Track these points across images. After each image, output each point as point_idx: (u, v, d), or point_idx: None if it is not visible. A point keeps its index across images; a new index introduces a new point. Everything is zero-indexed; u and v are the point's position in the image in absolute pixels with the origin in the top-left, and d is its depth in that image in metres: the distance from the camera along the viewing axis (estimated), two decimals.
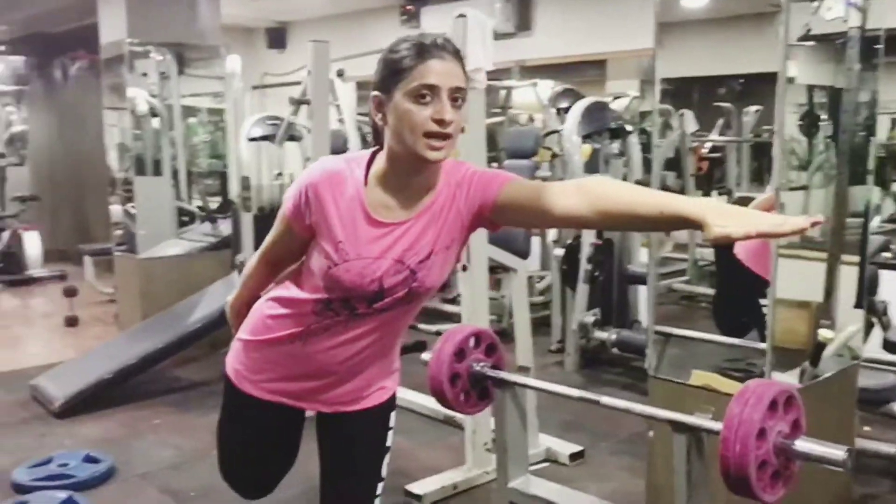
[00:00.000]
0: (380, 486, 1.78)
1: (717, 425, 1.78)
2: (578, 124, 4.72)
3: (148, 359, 4.28)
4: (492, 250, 3.27)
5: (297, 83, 6.20)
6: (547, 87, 7.09)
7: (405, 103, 1.50)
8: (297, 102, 4.09)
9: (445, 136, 1.51)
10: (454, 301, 5.88)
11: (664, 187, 5.84)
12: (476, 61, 3.08)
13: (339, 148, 6.41)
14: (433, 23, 6.68)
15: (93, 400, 4.06)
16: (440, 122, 1.49)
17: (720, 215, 1.28)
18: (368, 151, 1.64)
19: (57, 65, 8.44)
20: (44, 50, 8.42)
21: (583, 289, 4.61)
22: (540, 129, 5.82)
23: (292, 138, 6.98)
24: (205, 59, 6.03)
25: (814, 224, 1.25)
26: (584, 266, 4.60)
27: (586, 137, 4.83)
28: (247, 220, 4.85)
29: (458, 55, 1.56)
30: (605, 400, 2.19)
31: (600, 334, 4.50)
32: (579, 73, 7.94)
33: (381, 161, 1.61)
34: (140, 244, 5.30)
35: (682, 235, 5.50)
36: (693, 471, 1.98)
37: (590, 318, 4.52)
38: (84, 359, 4.60)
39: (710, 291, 4.46)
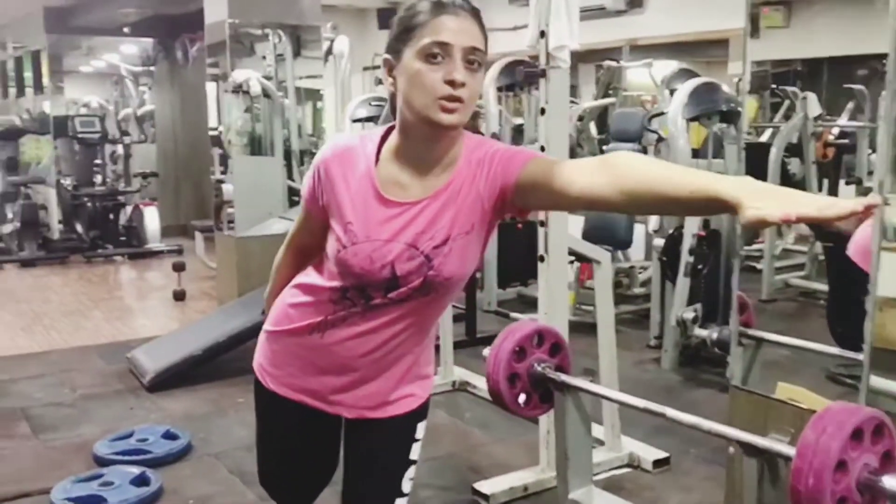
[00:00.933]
0: (399, 501, 1.63)
1: (792, 450, 1.56)
2: (685, 106, 4.41)
3: (237, 337, 4.31)
4: (572, 239, 3.07)
5: None
6: (665, 68, 6.74)
7: (415, 63, 1.37)
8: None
9: (459, 100, 1.37)
10: None
11: (784, 174, 5.48)
12: (559, 38, 2.88)
13: None
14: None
15: (182, 375, 4.14)
16: (452, 84, 1.35)
17: (757, 196, 1.07)
18: (385, 127, 1.52)
19: (179, 46, 8.72)
20: (167, 31, 8.72)
21: (683, 282, 4.32)
22: (646, 111, 5.51)
23: None
24: (315, 41, 6.07)
25: (868, 208, 1.02)
26: (686, 258, 4.31)
27: (693, 120, 4.51)
28: None
29: (476, 14, 1.41)
30: (671, 413, 1.99)
31: (700, 332, 4.20)
32: (701, 52, 7.51)
33: (394, 135, 1.48)
34: (238, 223, 5.37)
35: (803, 226, 5.10)
36: (765, 498, 1.76)
37: (689, 314, 4.23)
38: (179, 334, 4.71)
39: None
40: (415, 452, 1.67)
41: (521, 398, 2.32)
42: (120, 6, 8.05)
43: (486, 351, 2.35)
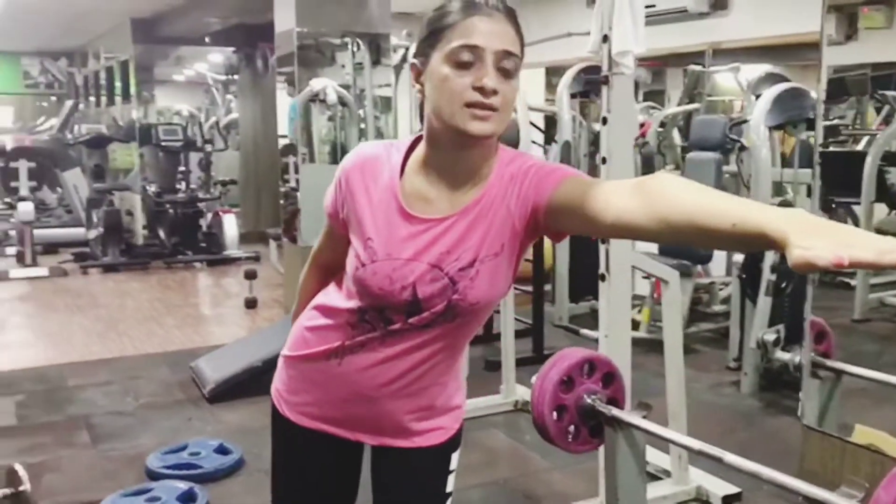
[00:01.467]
0: None
1: None
2: (768, 114, 4.13)
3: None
4: (637, 257, 2.88)
5: None
6: (754, 72, 6.41)
7: (443, 67, 1.25)
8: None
9: (491, 108, 1.24)
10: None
11: (882, 185, 5.10)
12: (623, 43, 2.70)
13: (512, 138, 6.17)
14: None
15: (243, 386, 4.10)
16: (482, 91, 1.23)
17: (807, 233, 0.90)
18: (414, 135, 1.39)
19: (259, 55, 8.83)
20: (247, 41, 8.84)
21: (764, 302, 4.04)
22: (729, 118, 5.23)
23: None
24: (385, 49, 6.00)
25: None
26: (768, 276, 4.03)
27: (778, 128, 4.23)
28: None
29: (511, 15, 1.28)
30: (730, 458, 1.79)
31: (782, 355, 3.92)
32: (793, 55, 7.12)
33: (422, 145, 1.36)
34: (304, 232, 5.34)
35: None
36: None
37: (771, 336, 3.95)
38: (242, 343, 4.69)
39: None
40: (451, 484, 1.54)
41: (570, 431, 2.17)
42: (202, 16, 8.20)
43: (534, 378, 2.20)
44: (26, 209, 7.45)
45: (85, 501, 2.98)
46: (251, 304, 6.17)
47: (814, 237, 0.89)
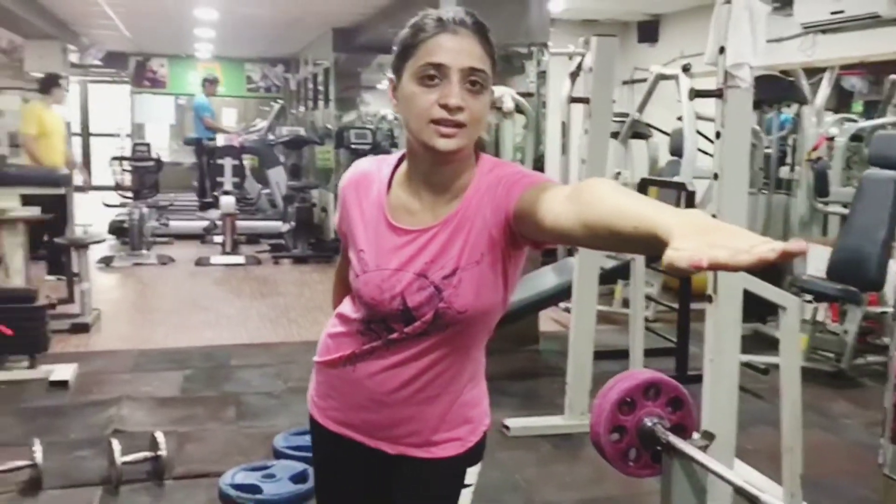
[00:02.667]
0: None
1: None
2: None
3: None
4: (747, 279, 2.72)
5: (671, 77, 5.90)
6: None
7: (411, 85, 1.31)
8: (574, 101, 3.82)
9: (457, 124, 1.28)
10: None
11: None
12: (738, 55, 2.59)
13: (679, 148, 5.97)
14: (809, 8, 5.83)
15: None
16: (447, 108, 1.27)
17: (687, 235, 0.87)
18: (402, 151, 1.46)
19: None
20: None
21: None
22: None
23: (638, 136, 6.71)
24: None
25: (786, 254, 0.81)
26: None
27: None
28: None
29: (480, 32, 1.31)
30: (766, 499, 1.67)
31: None
32: None
33: (406, 160, 1.43)
34: None
35: None
36: None
37: None
38: None
39: None
40: (464, 498, 1.57)
41: (630, 454, 2.11)
42: (396, 25, 8.59)
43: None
44: (228, 202, 8.19)
45: (213, 471, 3.28)
46: None
47: (692, 239, 0.87)
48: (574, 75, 6.62)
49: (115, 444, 3.18)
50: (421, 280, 1.38)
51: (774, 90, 5.46)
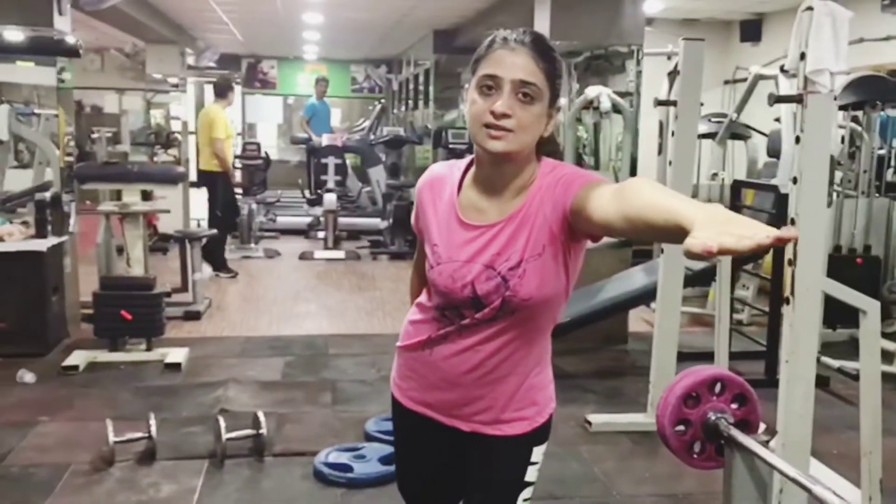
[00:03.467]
0: None
1: None
2: None
3: None
4: (827, 282, 2.74)
5: (770, 77, 5.84)
6: None
7: (473, 93, 1.50)
8: (660, 103, 3.87)
9: (504, 129, 1.46)
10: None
11: None
12: (819, 60, 2.61)
13: (776, 150, 5.89)
14: None
15: None
16: (494, 114, 1.45)
17: (706, 225, 1.02)
18: (472, 156, 1.63)
19: None
20: None
21: None
22: None
23: (737, 136, 6.63)
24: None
25: (778, 240, 0.96)
26: None
27: None
28: None
29: (538, 49, 1.49)
30: (818, 491, 1.74)
31: None
32: None
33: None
34: None
35: None
36: None
37: None
38: None
39: None
40: (531, 475, 1.71)
41: (695, 447, 2.20)
42: (493, 27, 8.72)
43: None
44: (330, 199, 8.53)
45: (308, 450, 3.52)
46: None
47: (708, 228, 1.01)
48: (672, 75, 6.63)
49: (222, 422, 3.46)
50: (489, 271, 1.54)
51: (879, 91, 5.33)
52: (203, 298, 5.93)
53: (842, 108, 5.22)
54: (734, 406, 2.17)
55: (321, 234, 9.19)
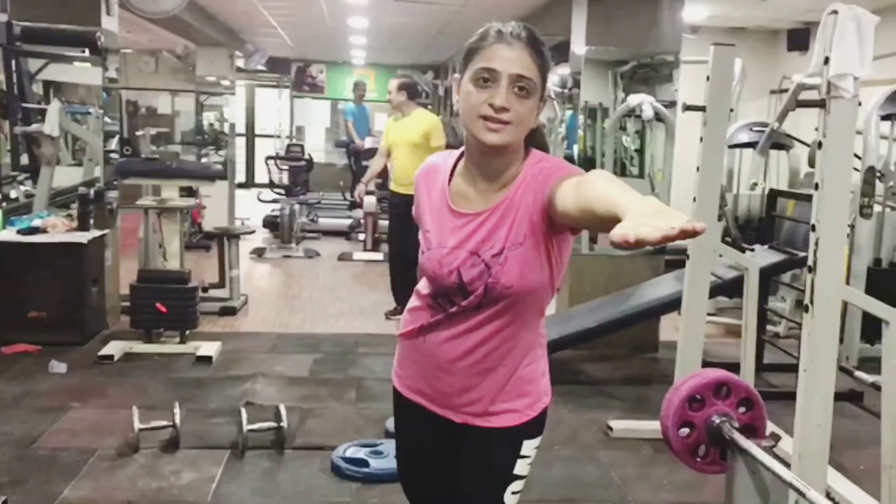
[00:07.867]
0: None
1: None
2: None
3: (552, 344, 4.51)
4: (848, 291, 2.69)
5: (812, 88, 5.73)
6: None
7: (468, 85, 1.52)
8: (688, 108, 3.83)
9: (502, 122, 1.49)
10: None
11: None
12: (843, 65, 2.58)
13: None
14: None
15: None
16: (493, 107, 1.48)
17: (635, 215, 1.06)
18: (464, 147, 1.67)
19: None
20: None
21: None
22: None
23: (779, 146, 6.52)
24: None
25: (683, 232, 1.00)
26: None
27: None
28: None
29: (533, 45, 1.51)
30: (812, 496, 1.71)
31: None
32: None
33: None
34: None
35: None
36: None
37: None
38: None
39: None
40: (520, 468, 1.72)
41: (699, 450, 2.18)
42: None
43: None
44: (370, 202, 8.60)
45: (328, 445, 3.56)
46: None
47: (636, 219, 1.04)
48: None
49: (244, 414, 3.52)
50: (474, 258, 1.58)
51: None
52: (239, 295, 6.04)
53: (884, 118, 5.11)
54: (740, 410, 2.16)
55: (361, 236, 9.27)
